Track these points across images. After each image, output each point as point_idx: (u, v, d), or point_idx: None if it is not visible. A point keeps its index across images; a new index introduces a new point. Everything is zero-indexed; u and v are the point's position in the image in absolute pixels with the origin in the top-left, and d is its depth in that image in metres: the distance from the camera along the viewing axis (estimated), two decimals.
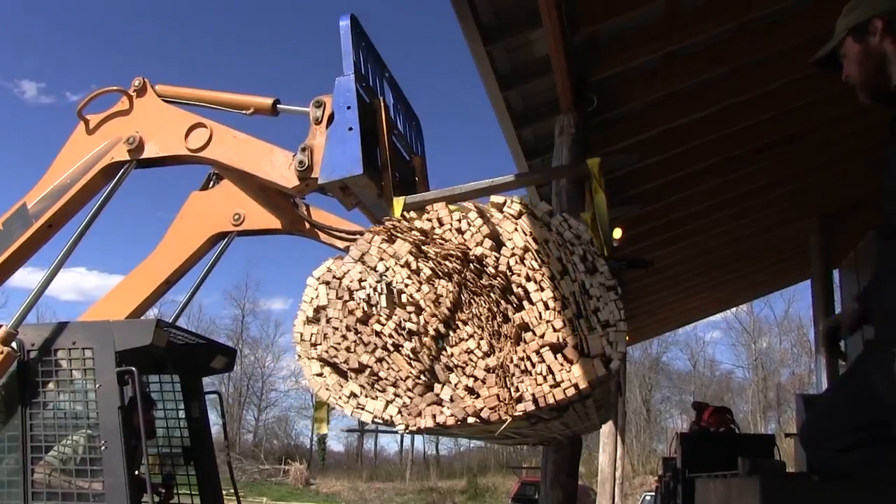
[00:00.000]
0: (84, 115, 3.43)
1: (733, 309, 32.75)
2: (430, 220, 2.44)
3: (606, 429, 11.46)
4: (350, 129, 2.97)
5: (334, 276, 2.47)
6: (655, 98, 5.88)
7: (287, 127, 3.80)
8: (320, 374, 2.38)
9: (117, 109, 3.41)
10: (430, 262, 2.37)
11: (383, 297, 2.37)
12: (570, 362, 2.18)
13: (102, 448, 3.05)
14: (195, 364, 3.76)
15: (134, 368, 3.09)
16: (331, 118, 3.03)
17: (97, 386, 3.13)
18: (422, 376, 2.28)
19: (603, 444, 12.59)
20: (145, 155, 3.29)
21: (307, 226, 4.03)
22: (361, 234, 3.87)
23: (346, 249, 4.03)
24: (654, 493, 14.37)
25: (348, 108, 3.00)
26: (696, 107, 6.12)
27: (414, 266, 2.38)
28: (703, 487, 5.20)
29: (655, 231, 8.41)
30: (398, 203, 2.94)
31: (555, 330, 2.22)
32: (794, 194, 8.68)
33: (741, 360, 43.07)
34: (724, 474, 4.43)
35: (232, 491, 3.88)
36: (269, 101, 3.22)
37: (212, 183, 4.22)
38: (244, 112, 3.24)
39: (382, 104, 3.20)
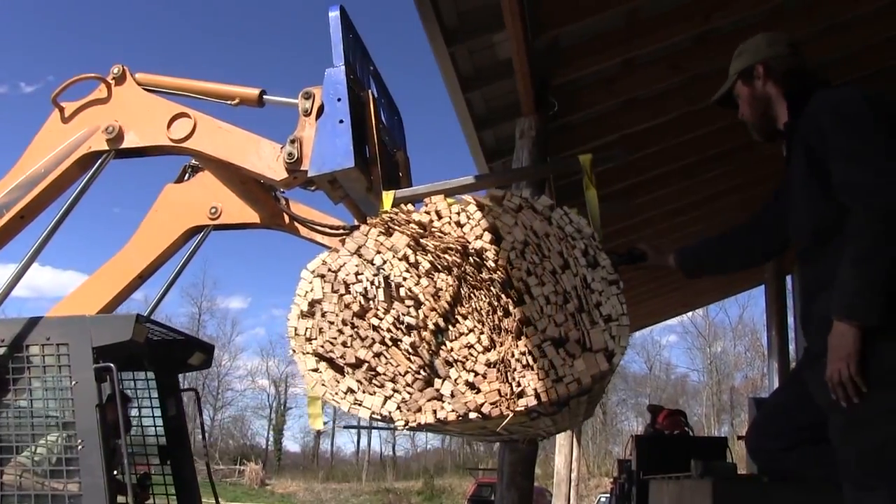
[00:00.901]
0: (59, 103, 3.32)
1: (689, 313, 33.32)
2: (428, 212, 2.41)
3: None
4: (341, 121, 2.92)
5: (329, 270, 2.42)
6: (615, 103, 5.93)
7: (267, 119, 3.74)
8: (316, 370, 2.33)
9: (95, 97, 3.30)
10: (429, 255, 2.34)
11: (381, 291, 2.33)
12: (573, 357, 2.17)
13: (79, 448, 2.94)
14: (172, 360, 3.66)
15: (112, 365, 2.99)
16: (320, 110, 2.98)
17: (73, 383, 3.02)
18: (421, 371, 2.24)
19: (559, 446, 12.63)
20: (125, 145, 3.19)
21: (287, 220, 3.96)
22: (344, 228, 3.88)
23: (326, 244, 4.03)
24: (609, 495, 14.51)
25: (339, 100, 2.95)
26: (655, 113, 6.18)
27: (412, 259, 2.35)
28: (656, 489, 5.26)
29: (620, 232, 8.51)
30: (388, 197, 2.91)
31: (556, 324, 2.21)
32: (751, 201, 8.84)
33: (696, 363, 43.95)
34: (678, 476, 4.47)
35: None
36: (255, 91, 3.15)
37: (187, 175, 4.12)
38: (229, 102, 3.17)
39: (371, 97, 3.17)
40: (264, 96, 3.16)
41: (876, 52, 5.95)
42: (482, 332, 2.26)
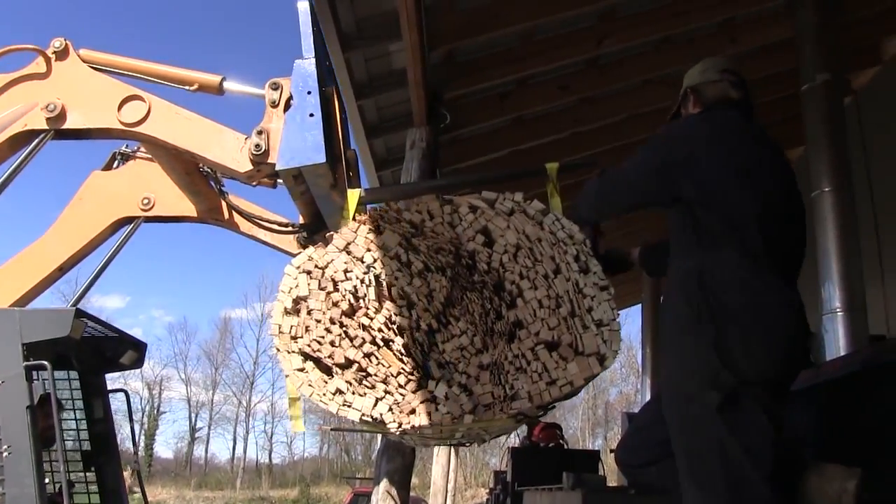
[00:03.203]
0: None
1: None
2: (419, 212, 2.38)
3: None
4: (311, 115, 2.82)
5: (316, 266, 2.33)
6: (506, 120, 6.05)
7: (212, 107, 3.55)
8: (302, 369, 2.24)
9: (31, 72, 3.01)
10: (422, 255, 2.31)
11: (371, 290, 2.27)
12: (566, 360, 2.20)
13: (5, 455, 2.66)
14: (101, 359, 3.38)
15: (47, 363, 2.75)
16: (288, 102, 2.87)
17: None
18: (414, 372, 2.21)
19: (436, 456, 12.69)
20: (67, 125, 2.93)
21: (226, 215, 3.79)
22: (292, 226, 3.76)
23: (268, 241, 3.88)
24: None
25: (308, 93, 2.86)
26: (543, 132, 6.35)
27: (404, 259, 2.31)
28: (530, 500, 5.36)
29: None
30: (353, 196, 2.85)
31: (550, 328, 2.24)
32: (630, 222, 9.27)
33: None
34: (550, 488, 4.59)
35: None
36: (216, 78, 2.99)
37: (116, 163, 3.86)
38: (187, 88, 2.99)
39: (335, 92, 3.09)
40: (224, 84, 3.01)
41: (751, 88, 6.42)
42: (475, 335, 2.25)
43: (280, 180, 3.42)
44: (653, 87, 5.73)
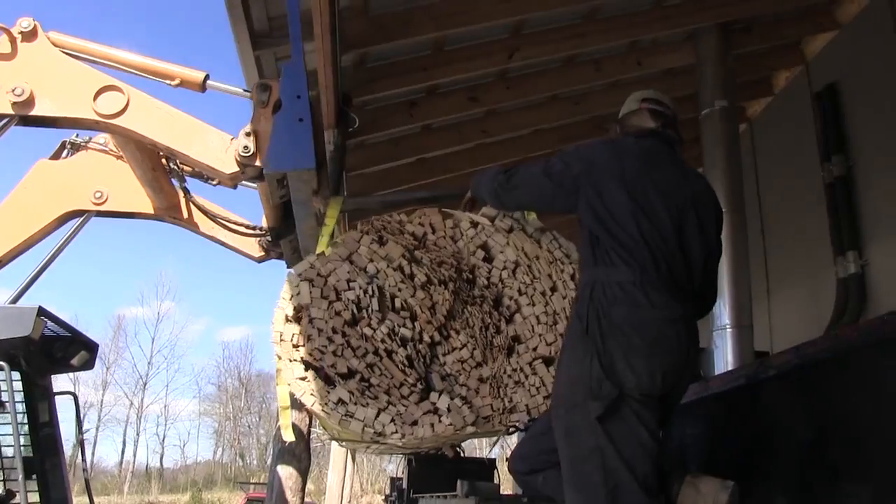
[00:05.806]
0: None
1: None
2: (422, 224, 2.40)
3: (337, 447, 11.27)
4: (301, 119, 2.80)
5: (318, 274, 2.31)
6: (415, 127, 6.11)
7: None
8: (304, 378, 2.21)
9: None
10: (425, 267, 2.33)
11: (375, 301, 2.27)
12: None
13: None
14: (50, 359, 3.18)
15: (5, 364, 2.59)
16: (276, 104, 2.84)
17: None
18: (418, 384, 2.22)
19: (333, 462, 12.49)
20: (35, 112, 2.78)
21: (185, 214, 3.67)
22: (261, 229, 3.69)
23: (228, 242, 3.79)
24: None
25: (298, 97, 2.84)
26: (451, 141, 6.43)
27: (408, 270, 2.32)
28: None
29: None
30: (335, 203, 2.84)
31: (547, 344, 2.31)
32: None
33: None
34: (445, 495, 4.65)
35: None
36: (199, 74, 2.91)
37: (66, 152, 3.67)
38: (169, 82, 2.89)
39: (318, 97, 3.07)
40: (208, 82, 2.94)
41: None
42: (475, 348, 2.29)
43: (245, 182, 3.37)
44: (559, 102, 5.88)
